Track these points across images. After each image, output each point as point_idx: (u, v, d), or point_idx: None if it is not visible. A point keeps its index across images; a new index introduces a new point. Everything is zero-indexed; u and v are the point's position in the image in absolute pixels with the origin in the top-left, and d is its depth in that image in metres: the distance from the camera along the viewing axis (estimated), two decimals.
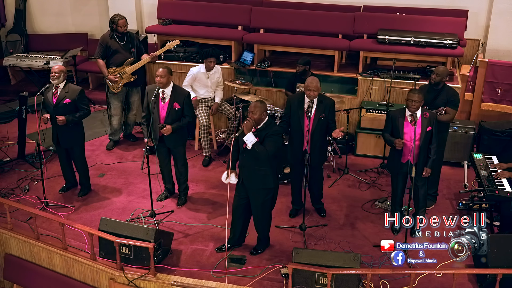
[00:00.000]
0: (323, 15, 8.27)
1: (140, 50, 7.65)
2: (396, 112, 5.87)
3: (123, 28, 7.37)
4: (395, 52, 7.70)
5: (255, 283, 5.36)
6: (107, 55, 7.48)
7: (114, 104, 7.68)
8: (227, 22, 8.60)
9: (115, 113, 7.72)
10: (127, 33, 7.48)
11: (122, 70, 7.42)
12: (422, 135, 5.66)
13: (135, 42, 7.54)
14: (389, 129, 5.89)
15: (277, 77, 8.19)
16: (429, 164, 5.77)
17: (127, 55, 7.46)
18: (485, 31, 8.34)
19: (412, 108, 5.63)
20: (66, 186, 6.84)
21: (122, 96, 7.66)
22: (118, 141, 7.98)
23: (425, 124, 5.67)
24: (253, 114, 5.26)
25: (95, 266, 5.59)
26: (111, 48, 7.43)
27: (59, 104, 6.29)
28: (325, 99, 6.01)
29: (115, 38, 7.43)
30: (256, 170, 5.38)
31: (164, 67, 6.12)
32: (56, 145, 6.59)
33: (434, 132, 5.73)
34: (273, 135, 5.32)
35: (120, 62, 7.44)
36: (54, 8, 9.95)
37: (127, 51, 7.46)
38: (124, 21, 7.37)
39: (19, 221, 6.21)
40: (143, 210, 6.37)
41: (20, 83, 9.80)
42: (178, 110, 6.17)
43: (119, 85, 7.47)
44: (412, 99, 5.61)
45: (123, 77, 7.44)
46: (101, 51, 7.45)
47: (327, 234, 6.08)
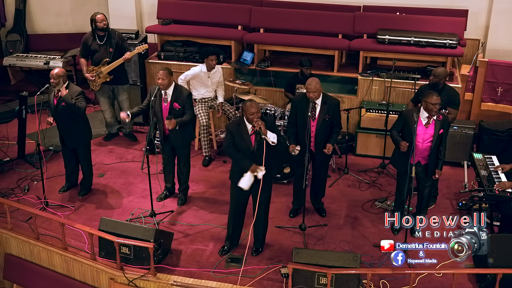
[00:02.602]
0: (323, 15, 8.26)
1: (123, 48, 7.61)
2: (410, 112, 5.76)
3: (101, 23, 7.40)
4: (395, 52, 7.68)
5: (255, 283, 5.36)
6: (88, 54, 7.57)
7: (101, 100, 7.85)
8: (227, 22, 8.59)
9: (104, 108, 7.90)
10: (108, 32, 7.50)
11: (98, 70, 7.50)
12: (435, 137, 5.63)
13: (114, 42, 7.52)
14: (399, 127, 5.83)
15: (277, 77, 8.18)
16: (440, 166, 5.76)
17: (105, 55, 7.50)
18: (485, 31, 8.32)
19: (434, 111, 5.53)
20: (66, 186, 6.84)
21: (107, 92, 7.76)
22: (116, 134, 8.13)
23: (438, 127, 5.63)
24: (259, 113, 5.28)
25: (95, 266, 5.59)
26: (90, 47, 7.54)
27: (59, 106, 6.29)
28: (330, 99, 5.98)
29: (95, 37, 7.50)
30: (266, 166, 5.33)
31: (163, 69, 6.14)
32: (62, 144, 6.59)
33: (445, 134, 5.71)
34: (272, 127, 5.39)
35: (98, 62, 7.54)
36: (54, 8, 9.95)
37: (104, 51, 7.51)
38: (101, 16, 7.41)
39: (19, 221, 6.21)
40: (143, 210, 6.37)
41: (20, 83, 9.79)
42: (178, 110, 6.18)
43: (97, 83, 7.58)
44: (436, 103, 5.49)
45: (100, 77, 7.52)
46: (82, 50, 7.63)
47: (327, 234, 6.08)
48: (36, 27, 10.06)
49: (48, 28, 10.03)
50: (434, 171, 5.77)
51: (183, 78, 7.35)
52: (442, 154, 5.74)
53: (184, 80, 7.36)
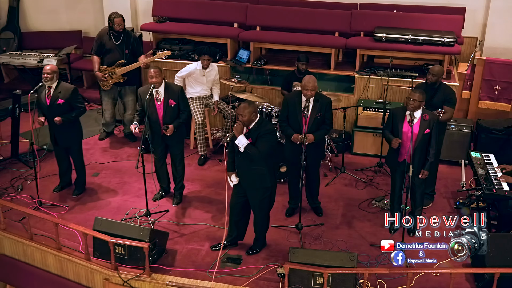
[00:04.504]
0: (320, 12, 8.23)
1: (137, 51, 7.58)
2: (397, 110, 5.82)
3: (118, 27, 7.31)
4: (392, 50, 7.67)
5: (251, 283, 5.33)
6: (101, 52, 7.45)
7: (105, 100, 7.79)
8: (223, 19, 8.55)
9: (106, 108, 7.86)
10: (124, 33, 7.42)
11: (112, 71, 7.41)
12: (419, 136, 5.62)
13: (131, 43, 7.46)
14: (389, 126, 5.86)
15: (273, 75, 8.15)
16: (427, 167, 5.74)
17: (119, 56, 7.41)
18: (482, 28, 8.31)
19: (410, 107, 5.58)
20: (61, 185, 6.79)
21: (113, 93, 7.70)
22: (111, 133, 8.09)
23: (423, 126, 5.62)
24: (242, 116, 5.20)
25: (89, 266, 5.56)
26: (105, 46, 7.42)
27: (53, 105, 6.25)
28: (322, 97, 5.97)
29: (110, 36, 7.38)
30: (252, 170, 5.34)
31: (155, 67, 6.11)
32: (54, 144, 6.54)
33: (433, 135, 5.67)
34: (265, 134, 5.26)
35: (112, 62, 7.44)
36: (48, 5, 9.87)
37: (120, 52, 7.42)
38: (119, 20, 7.31)
39: (12, 221, 6.15)
40: (138, 209, 6.33)
41: (13, 81, 9.72)
42: (174, 106, 6.14)
43: (108, 83, 7.50)
44: (411, 97, 5.56)
45: (113, 77, 7.44)
46: (95, 47, 7.50)
47: (324, 233, 6.05)
48: (30, 25, 9.98)
49: (42, 25, 9.95)
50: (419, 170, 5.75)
51: (179, 75, 7.32)
52: (430, 154, 5.71)
53: (180, 78, 7.33)
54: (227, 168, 5.48)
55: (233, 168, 5.52)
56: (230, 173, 5.50)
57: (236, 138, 5.23)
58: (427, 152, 5.72)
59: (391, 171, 6.10)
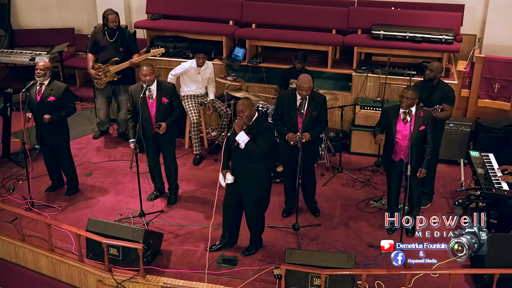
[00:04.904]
0: (317, 9, 8.19)
1: (133, 48, 7.52)
2: (391, 109, 5.81)
3: (113, 24, 7.26)
4: (390, 48, 7.63)
5: (247, 284, 5.30)
6: (96, 50, 7.38)
7: (99, 99, 7.72)
8: (218, 17, 8.49)
9: (99, 107, 7.79)
10: (119, 30, 7.36)
11: (106, 68, 7.34)
12: (414, 134, 5.57)
13: (125, 41, 7.39)
14: (381, 124, 5.84)
15: (270, 73, 8.09)
16: (424, 165, 5.69)
17: (113, 54, 7.34)
18: (481, 26, 8.28)
19: (403, 104, 5.55)
20: (53, 186, 6.73)
21: (107, 92, 7.62)
22: (106, 131, 8.04)
23: (418, 123, 5.58)
24: (243, 112, 5.17)
25: (82, 268, 5.53)
26: (99, 43, 7.37)
27: (44, 101, 6.18)
28: (316, 95, 5.93)
29: (105, 34, 7.33)
30: (249, 168, 5.29)
31: (147, 65, 6.07)
32: (40, 143, 6.48)
33: (429, 132, 5.63)
34: (265, 131, 5.24)
35: (106, 59, 7.38)
36: (40, 2, 9.77)
37: (114, 49, 7.35)
38: (114, 17, 7.25)
39: (3, 221, 6.10)
40: (132, 210, 6.28)
41: (4, 79, 9.61)
42: (167, 104, 6.10)
43: (102, 82, 7.42)
44: (404, 95, 5.54)
45: (107, 75, 7.37)
46: (90, 45, 7.46)
47: (321, 234, 6.02)
48: (21, 22, 9.88)
49: (34, 23, 9.85)
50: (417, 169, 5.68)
51: (173, 73, 7.25)
52: (427, 151, 5.67)
53: (174, 77, 7.25)
54: (222, 166, 5.42)
55: (227, 167, 5.45)
56: (224, 172, 5.42)
57: (237, 134, 5.17)
58: (424, 150, 5.67)
59: (386, 172, 6.03)
